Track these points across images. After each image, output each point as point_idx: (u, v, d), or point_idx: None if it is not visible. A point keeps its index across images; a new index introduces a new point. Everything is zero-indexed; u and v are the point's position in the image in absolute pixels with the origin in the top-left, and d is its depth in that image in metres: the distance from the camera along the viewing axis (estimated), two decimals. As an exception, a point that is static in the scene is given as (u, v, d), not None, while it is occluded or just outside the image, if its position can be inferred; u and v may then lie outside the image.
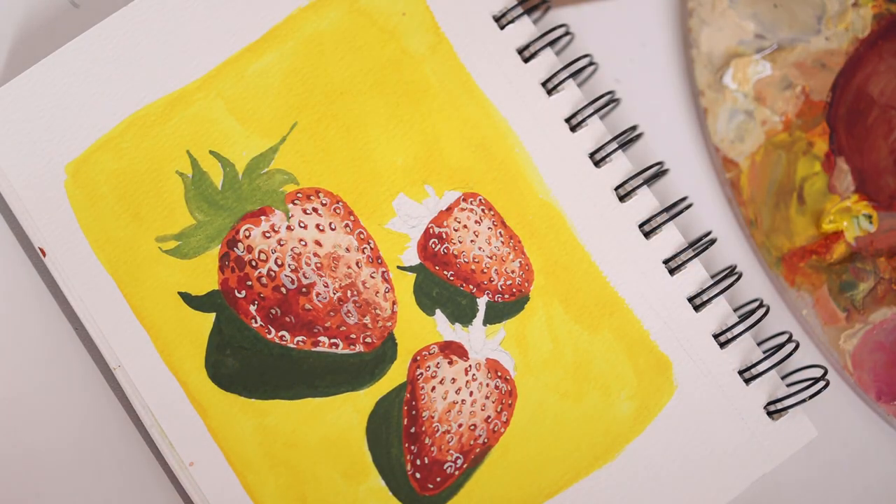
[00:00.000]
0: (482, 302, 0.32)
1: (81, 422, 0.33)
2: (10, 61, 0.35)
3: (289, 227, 0.32)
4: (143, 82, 0.33)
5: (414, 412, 0.32)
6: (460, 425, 0.32)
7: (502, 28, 0.33)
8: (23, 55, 0.34)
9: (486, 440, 0.32)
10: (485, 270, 0.32)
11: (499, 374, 0.32)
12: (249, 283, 0.32)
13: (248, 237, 0.32)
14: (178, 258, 0.32)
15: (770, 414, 0.32)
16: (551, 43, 0.33)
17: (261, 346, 0.32)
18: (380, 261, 0.32)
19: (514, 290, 0.33)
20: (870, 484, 0.34)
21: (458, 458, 0.32)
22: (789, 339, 0.32)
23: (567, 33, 0.34)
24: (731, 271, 0.33)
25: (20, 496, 0.32)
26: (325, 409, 0.32)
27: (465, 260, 0.32)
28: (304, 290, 0.32)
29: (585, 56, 0.33)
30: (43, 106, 0.32)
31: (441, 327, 0.32)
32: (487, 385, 0.32)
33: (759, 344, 0.33)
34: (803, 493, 0.33)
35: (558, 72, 0.33)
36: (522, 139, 0.33)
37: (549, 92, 0.33)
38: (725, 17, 0.35)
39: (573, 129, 0.33)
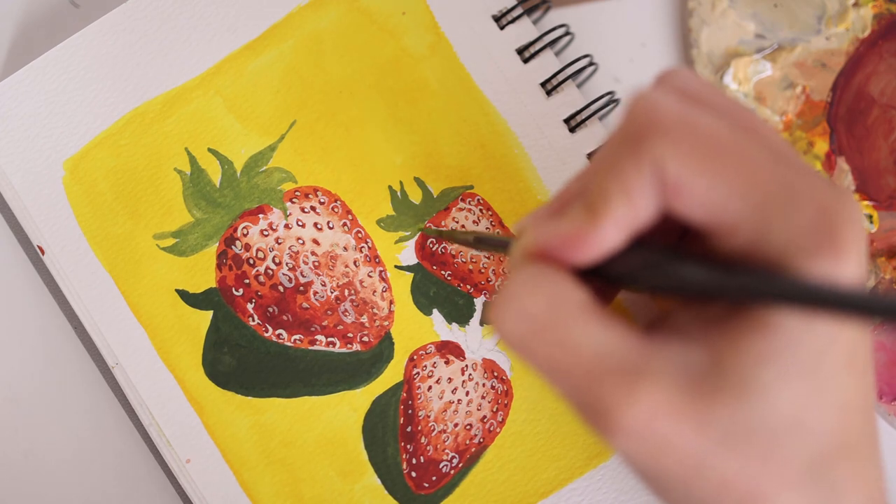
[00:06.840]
0: (479, 302, 0.32)
1: (79, 420, 0.33)
2: (9, 58, 0.35)
3: (287, 226, 0.32)
4: (141, 79, 0.33)
5: (410, 411, 0.32)
6: (456, 425, 0.32)
7: (502, 28, 0.33)
8: (22, 52, 0.34)
9: (481, 439, 0.32)
10: (482, 270, 0.32)
11: (495, 374, 0.32)
12: (247, 281, 0.32)
13: (245, 235, 0.32)
14: (176, 256, 0.32)
15: (767, 415, 0.32)
16: (551, 43, 0.33)
17: (258, 344, 0.32)
18: (377, 260, 0.32)
19: (512, 289, 0.32)
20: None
21: (453, 457, 0.32)
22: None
23: (567, 33, 0.33)
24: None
25: (20, 495, 0.33)
26: (321, 408, 0.32)
27: (463, 260, 0.32)
28: (301, 288, 0.32)
29: (585, 56, 0.33)
30: (41, 102, 0.32)
31: (438, 327, 0.32)
32: (483, 385, 0.32)
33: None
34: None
35: (558, 73, 0.33)
36: (521, 139, 0.33)
37: (549, 93, 0.33)
38: (725, 17, 0.35)
39: (572, 129, 0.33)
